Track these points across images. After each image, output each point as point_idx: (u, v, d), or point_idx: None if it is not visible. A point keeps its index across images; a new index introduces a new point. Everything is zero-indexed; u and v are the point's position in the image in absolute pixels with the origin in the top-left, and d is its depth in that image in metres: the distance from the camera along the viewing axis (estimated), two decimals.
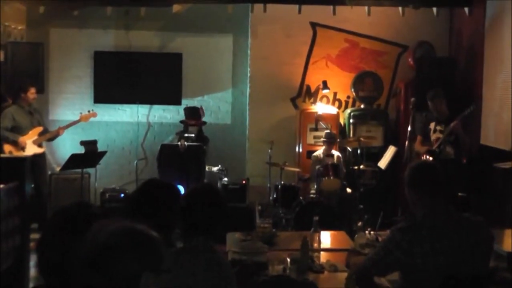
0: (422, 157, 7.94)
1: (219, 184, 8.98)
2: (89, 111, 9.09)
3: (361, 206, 8.45)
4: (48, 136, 8.84)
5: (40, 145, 8.71)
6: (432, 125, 8.07)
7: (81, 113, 9.07)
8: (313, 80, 10.09)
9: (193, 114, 9.59)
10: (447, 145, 7.88)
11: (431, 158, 7.84)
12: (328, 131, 8.96)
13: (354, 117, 9.79)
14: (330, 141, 8.81)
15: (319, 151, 8.98)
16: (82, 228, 2.28)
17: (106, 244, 2.05)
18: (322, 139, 8.99)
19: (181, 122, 9.78)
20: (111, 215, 2.44)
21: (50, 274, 2.30)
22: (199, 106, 9.86)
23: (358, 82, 9.88)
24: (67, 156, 8.44)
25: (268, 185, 9.01)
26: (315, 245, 4.96)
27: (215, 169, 9.22)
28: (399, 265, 3.52)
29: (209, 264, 3.19)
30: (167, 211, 3.33)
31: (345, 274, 4.04)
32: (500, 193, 7.91)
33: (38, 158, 8.56)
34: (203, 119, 9.75)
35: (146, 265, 2.05)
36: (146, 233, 2.12)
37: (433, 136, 8.00)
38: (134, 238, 2.08)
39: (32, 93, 8.61)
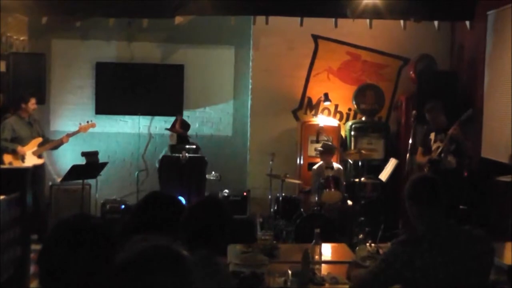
0: (425, 169, 7.92)
1: (219, 195, 8.98)
2: (87, 122, 9.10)
3: (362, 219, 8.45)
4: (51, 145, 8.85)
5: (40, 156, 8.71)
6: (432, 136, 8.06)
7: (80, 123, 9.08)
8: (315, 92, 10.11)
9: (174, 123, 9.59)
10: (448, 154, 7.86)
11: (426, 169, 7.84)
12: (324, 142, 8.96)
13: (355, 129, 9.81)
14: (326, 152, 8.80)
15: (320, 163, 8.97)
16: (83, 239, 2.30)
17: (139, 257, 2.07)
18: (318, 150, 8.99)
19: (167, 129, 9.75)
20: (112, 226, 2.46)
21: (52, 285, 2.30)
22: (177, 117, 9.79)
23: (360, 95, 9.90)
24: (68, 167, 8.42)
25: (269, 197, 8.99)
26: (316, 257, 4.95)
27: (210, 176, 9.19)
28: (399, 278, 3.51)
29: (211, 278, 3.19)
30: (170, 223, 3.33)
31: (345, 287, 4.04)
32: (501, 206, 7.90)
33: (38, 169, 8.55)
34: (201, 131, 9.71)
35: (173, 284, 2.06)
36: (179, 253, 2.14)
37: (434, 146, 7.98)
38: (167, 255, 2.10)
39: (32, 103, 8.62)
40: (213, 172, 9.24)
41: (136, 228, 3.24)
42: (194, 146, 9.35)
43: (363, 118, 9.99)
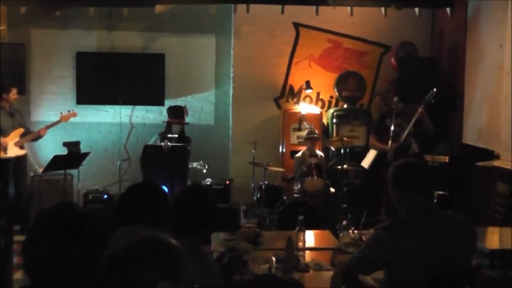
0: (390, 156, 7.81)
1: (202, 184, 8.98)
2: (69, 111, 9.05)
3: (345, 206, 8.49)
4: (30, 137, 8.80)
5: (21, 147, 8.67)
6: (388, 122, 7.93)
7: (61, 113, 9.03)
8: (296, 80, 10.11)
9: (177, 113, 9.56)
10: (411, 138, 7.83)
11: (391, 156, 7.79)
12: (306, 130, 8.98)
13: (337, 117, 9.83)
14: (312, 138, 8.83)
15: (302, 151, 8.99)
16: (68, 227, 2.29)
17: (125, 250, 2.06)
18: (303, 138, 9.02)
19: (165, 122, 9.74)
20: (96, 215, 2.45)
21: (37, 274, 2.29)
22: (183, 106, 9.82)
23: (341, 82, 9.91)
24: (49, 157, 8.37)
25: (252, 185, 9.01)
26: (300, 244, 4.96)
27: (195, 164, 9.19)
28: (383, 263, 3.54)
29: (197, 266, 3.19)
30: (155, 213, 3.31)
31: (330, 273, 4.06)
32: (482, 191, 7.97)
33: (19, 160, 8.53)
34: (186, 120, 9.71)
35: (163, 274, 2.06)
36: (167, 242, 2.14)
37: (394, 131, 7.82)
38: (153, 246, 2.10)
39: (13, 94, 8.57)
40: (200, 162, 9.22)
41: (121, 220, 3.23)
42: (176, 136, 9.33)
43: (345, 106, 10.01)
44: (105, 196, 9.36)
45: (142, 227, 2.23)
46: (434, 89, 7.71)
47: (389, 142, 7.82)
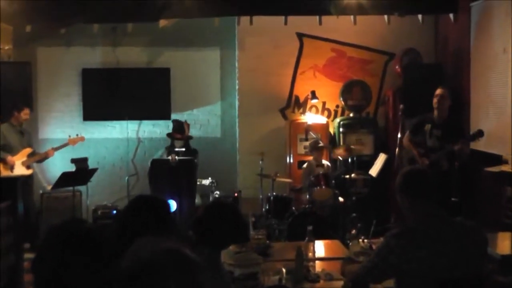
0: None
1: (211, 198, 8.97)
2: (77, 135, 9.11)
3: (354, 215, 8.45)
4: (37, 157, 8.84)
5: (28, 167, 8.69)
6: (427, 128, 7.88)
7: (69, 136, 9.08)
8: (302, 90, 10.13)
9: (178, 128, 9.58)
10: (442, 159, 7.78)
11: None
12: (312, 140, 8.98)
13: (344, 126, 9.82)
14: (317, 148, 8.84)
15: (309, 161, 8.99)
16: (77, 244, 2.29)
17: (148, 262, 2.07)
18: (309, 149, 9.02)
19: (168, 135, 9.76)
20: (105, 231, 2.45)
21: None
22: (183, 121, 9.81)
23: (346, 91, 9.91)
24: (58, 174, 8.40)
25: (260, 196, 9.00)
26: (310, 254, 4.95)
27: (206, 182, 9.20)
28: (394, 271, 3.52)
29: (215, 279, 3.22)
30: (157, 225, 3.34)
31: (340, 283, 4.05)
32: (491, 197, 7.94)
33: (27, 179, 8.54)
34: (190, 133, 9.72)
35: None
36: (189, 257, 2.14)
37: (429, 142, 7.83)
38: (176, 259, 2.10)
39: (25, 113, 8.65)
40: (209, 178, 9.20)
41: (124, 233, 3.25)
42: (184, 149, 9.33)
43: (351, 114, 10.01)
44: (114, 212, 9.37)
45: (162, 239, 2.23)
46: (480, 130, 7.54)
47: (422, 156, 7.79)
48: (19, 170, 8.48)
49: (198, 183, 9.09)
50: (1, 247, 5.23)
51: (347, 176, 8.83)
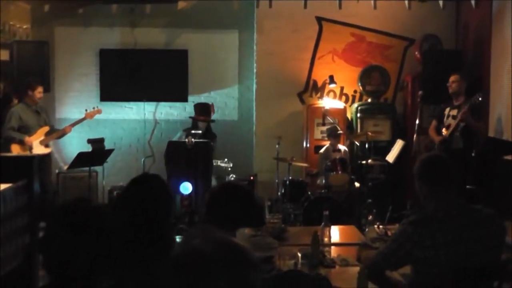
0: (433, 149, 7.88)
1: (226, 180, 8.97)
2: (93, 108, 9.08)
3: (370, 201, 8.43)
4: (55, 135, 8.82)
5: (47, 145, 8.70)
6: (447, 111, 8.02)
7: (86, 110, 9.06)
8: (320, 75, 10.07)
9: (204, 110, 9.51)
10: (457, 132, 7.81)
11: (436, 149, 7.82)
12: (329, 126, 8.95)
13: (361, 111, 9.77)
14: (333, 135, 8.81)
15: (326, 146, 8.97)
16: (83, 223, 2.27)
17: (204, 252, 2.04)
18: (326, 134, 9.00)
19: (191, 117, 9.72)
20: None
21: (54, 270, 2.28)
22: (210, 103, 9.78)
23: (365, 76, 9.85)
24: (74, 154, 8.41)
25: (276, 180, 8.99)
26: (326, 239, 4.93)
27: (220, 162, 9.16)
28: (410, 258, 3.50)
29: None
30: (154, 204, 3.33)
31: (356, 268, 4.02)
32: (508, 185, 7.87)
33: (44, 158, 8.54)
34: (212, 117, 9.70)
35: (233, 284, 2.03)
36: (246, 254, 2.11)
37: (446, 122, 7.94)
38: (235, 254, 2.08)
39: (39, 92, 8.59)
40: (225, 159, 9.17)
41: (123, 213, 3.25)
42: (200, 132, 9.30)
43: (369, 100, 9.95)
44: None
45: (217, 229, 2.18)
46: (480, 93, 7.60)
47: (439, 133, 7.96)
48: (38, 149, 8.48)
49: (214, 163, 9.06)
50: (16, 226, 5.24)
51: (364, 162, 8.80)
